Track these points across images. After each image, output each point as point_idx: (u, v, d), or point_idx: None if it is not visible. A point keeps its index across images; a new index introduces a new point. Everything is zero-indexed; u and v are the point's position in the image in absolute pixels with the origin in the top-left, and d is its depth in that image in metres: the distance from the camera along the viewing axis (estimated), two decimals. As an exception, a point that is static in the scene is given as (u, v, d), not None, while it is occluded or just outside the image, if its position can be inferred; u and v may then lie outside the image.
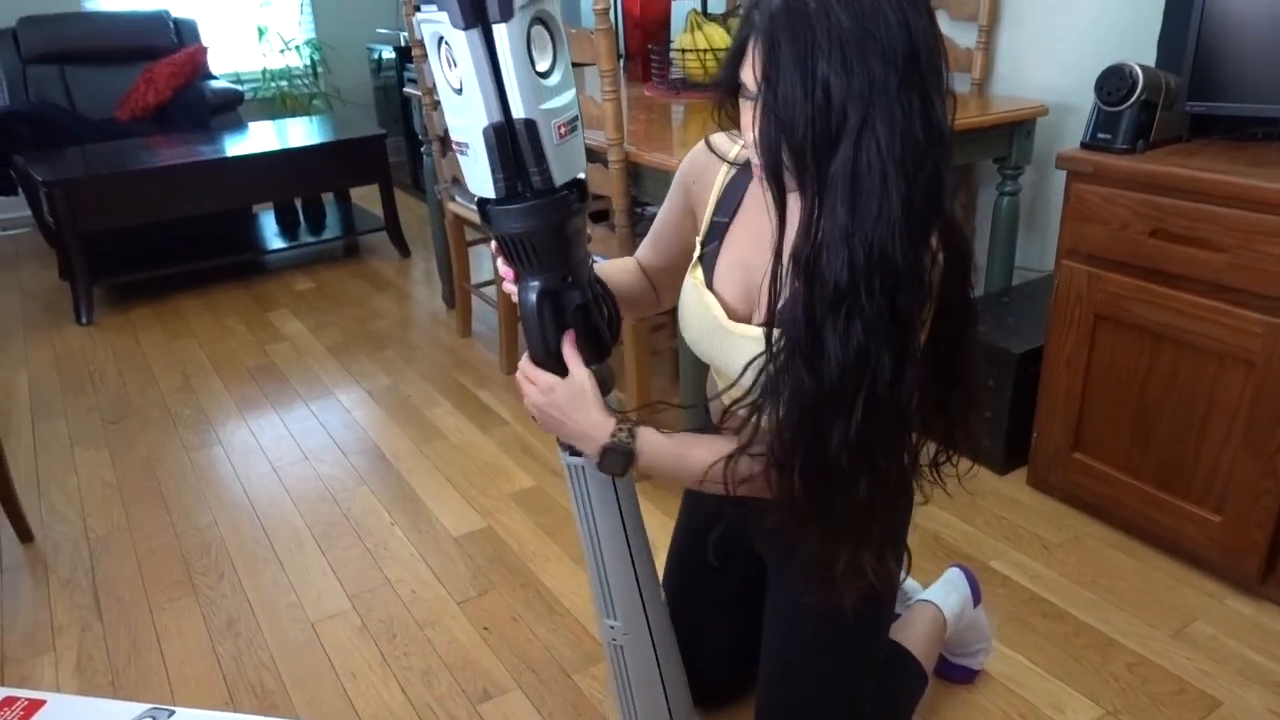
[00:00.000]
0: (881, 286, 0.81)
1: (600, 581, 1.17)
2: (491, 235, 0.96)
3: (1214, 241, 1.62)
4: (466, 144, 0.85)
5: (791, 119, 0.79)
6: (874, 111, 0.77)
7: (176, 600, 1.93)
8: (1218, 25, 1.68)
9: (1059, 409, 1.98)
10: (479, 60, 0.80)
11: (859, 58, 0.77)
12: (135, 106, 4.36)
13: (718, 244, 1.08)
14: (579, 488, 1.10)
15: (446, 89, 0.85)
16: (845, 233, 0.80)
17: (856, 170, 0.78)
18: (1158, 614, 1.74)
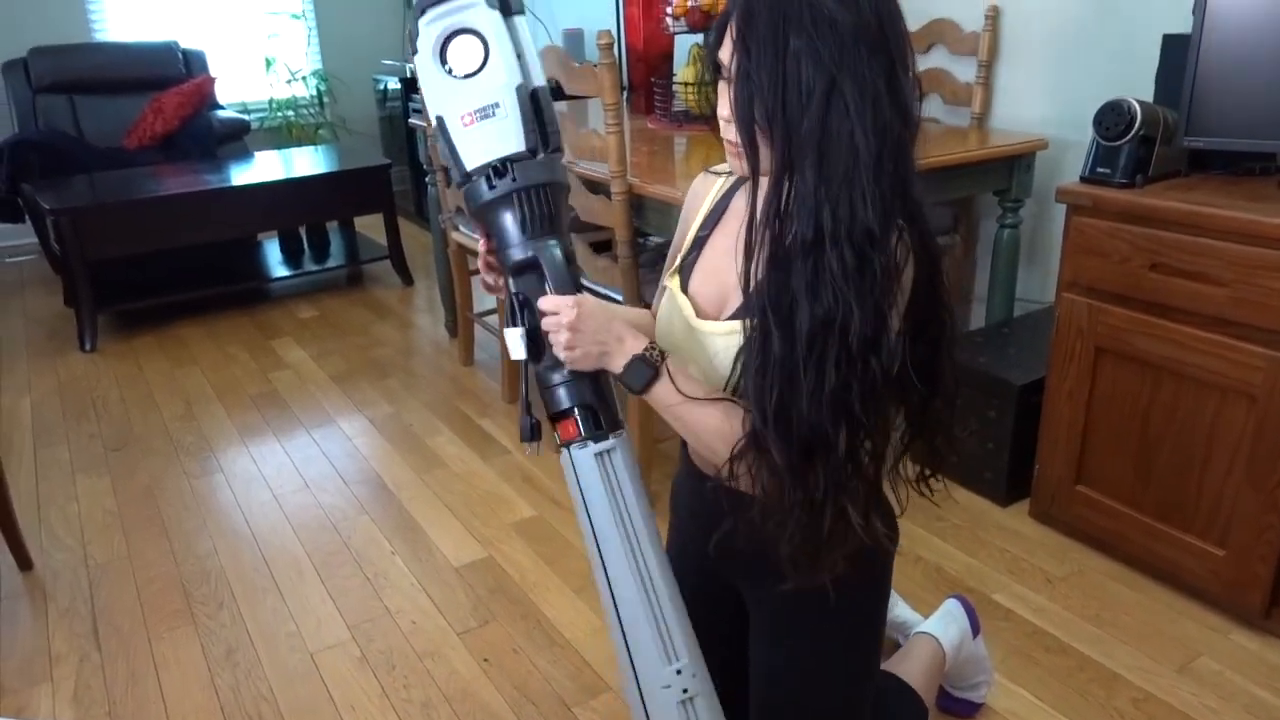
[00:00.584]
0: (850, 245, 0.85)
1: (653, 614, 1.01)
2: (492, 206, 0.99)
3: (1214, 275, 1.63)
4: (495, 104, 0.95)
5: (764, 82, 0.85)
6: (843, 77, 0.84)
7: (175, 629, 1.92)
8: (1215, 62, 1.70)
9: (1061, 441, 1.98)
10: (505, 38, 0.95)
11: (831, 30, 0.83)
12: (143, 135, 4.40)
13: (697, 254, 1.11)
14: (610, 479, 1.02)
15: (444, 78, 0.96)
16: (813, 190, 0.85)
17: (825, 131, 0.84)
18: (1162, 649, 1.73)
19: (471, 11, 0.95)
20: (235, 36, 5.26)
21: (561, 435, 1.04)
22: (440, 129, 0.98)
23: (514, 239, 1.00)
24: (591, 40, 2.26)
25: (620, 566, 1.02)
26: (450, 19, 0.95)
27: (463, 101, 0.96)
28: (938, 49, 2.66)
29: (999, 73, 2.55)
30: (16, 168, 3.97)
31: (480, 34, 0.96)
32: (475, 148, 0.97)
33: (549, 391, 1.03)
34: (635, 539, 1.02)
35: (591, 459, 1.02)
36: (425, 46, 0.96)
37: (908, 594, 1.85)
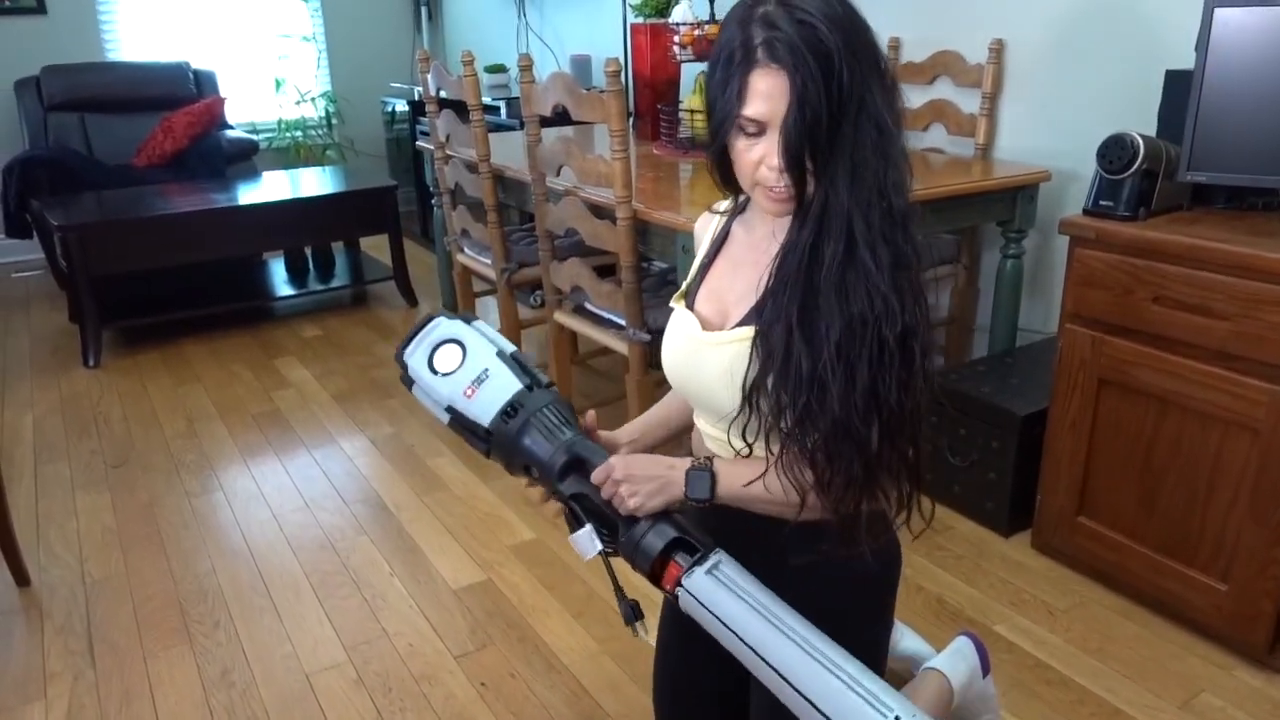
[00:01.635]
0: (885, 241, 0.90)
1: (848, 685, 0.94)
2: (524, 437, 1.08)
3: (1216, 309, 1.63)
4: (485, 369, 1.11)
5: (825, 126, 0.89)
6: (868, 96, 0.90)
7: (171, 648, 1.91)
8: (1217, 97, 1.71)
9: (1063, 472, 1.97)
10: (472, 332, 1.14)
11: (856, 56, 0.89)
12: (152, 154, 4.44)
13: (700, 279, 1.14)
14: (734, 587, 0.99)
15: (441, 379, 1.11)
16: (846, 204, 0.90)
17: (857, 142, 0.90)
18: (1165, 684, 1.72)
19: (439, 329, 1.14)
20: (246, 57, 5.31)
21: (669, 584, 1.01)
22: (455, 421, 1.10)
23: (546, 452, 1.07)
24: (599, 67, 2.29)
25: (795, 661, 0.96)
26: (426, 340, 1.13)
27: (460, 384, 1.10)
28: (942, 80, 2.68)
29: (1003, 104, 2.57)
30: (26, 184, 4.00)
31: (454, 339, 1.13)
32: (483, 406, 1.08)
33: (636, 554, 1.03)
34: (789, 628, 0.97)
35: (706, 578, 0.99)
36: (418, 368, 1.12)
37: (909, 624, 1.84)
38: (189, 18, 5.13)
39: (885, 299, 0.89)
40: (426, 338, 1.14)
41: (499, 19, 5.02)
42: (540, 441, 1.08)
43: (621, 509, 1.02)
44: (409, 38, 5.76)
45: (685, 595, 1.00)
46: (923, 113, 2.73)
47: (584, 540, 1.05)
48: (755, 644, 0.97)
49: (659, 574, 1.02)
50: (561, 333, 2.56)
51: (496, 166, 2.67)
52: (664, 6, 3.00)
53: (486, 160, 2.65)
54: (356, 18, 5.58)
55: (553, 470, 1.06)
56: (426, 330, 1.14)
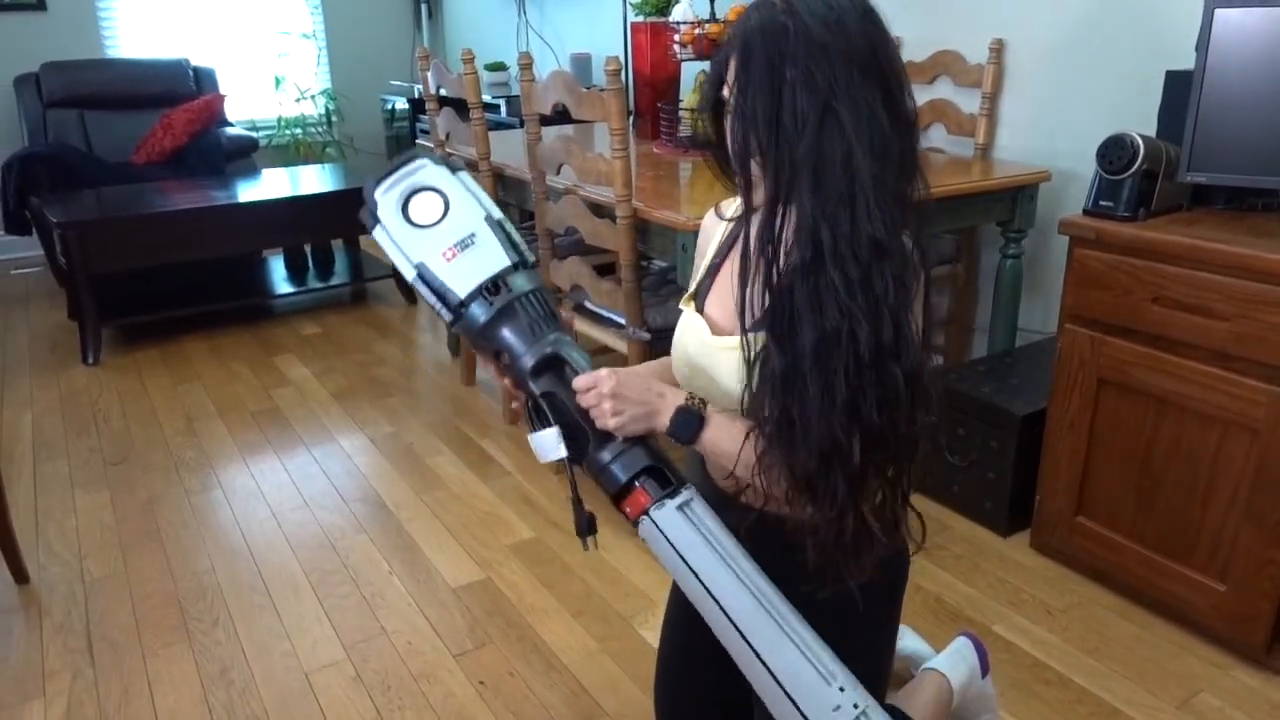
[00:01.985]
0: (854, 259, 0.87)
1: (796, 644, 0.96)
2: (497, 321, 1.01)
3: (1216, 310, 1.63)
4: (471, 234, 1.01)
5: (759, 114, 0.88)
6: (837, 101, 0.87)
7: (170, 646, 1.91)
8: (1217, 98, 1.72)
9: (1062, 472, 1.97)
10: (458, 185, 1.03)
11: (824, 57, 0.87)
12: (152, 151, 4.43)
13: (711, 280, 1.13)
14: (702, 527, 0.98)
15: (413, 230, 1.02)
16: (810, 213, 0.88)
17: (820, 155, 0.87)
18: (1163, 684, 1.72)
19: (421, 172, 1.02)
20: (245, 55, 5.31)
21: (633, 510, 0.99)
22: (422, 277, 1.01)
23: (523, 346, 1.00)
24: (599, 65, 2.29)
25: (749, 612, 0.97)
26: (405, 182, 1.02)
27: (438, 242, 1.01)
28: (942, 80, 2.68)
29: (1003, 104, 2.57)
30: (25, 181, 3.99)
31: (436, 188, 1.02)
32: (462, 277, 1.00)
33: (604, 473, 1.00)
34: (749, 578, 0.98)
35: (676, 513, 0.97)
36: (388, 211, 1.01)
37: (907, 623, 1.84)
38: (189, 14, 5.13)
39: (854, 317, 0.87)
40: (406, 179, 1.02)
41: (499, 17, 5.02)
42: (522, 331, 1.01)
43: (599, 423, 0.99)
44: (409, 35, 5.76)
45: (649, 526, 0.98)
46: (923, 112, 2.72)
47: (548, 442, 1.01)
48: (714, 588, 0.97)
49: (623, 497, 1.00)
50: (561, 331, 2.56)
51: (496, 165, 2.67)
52: (664, 5, 3.00)
53: (486, 158, 2.65)
54: (356, 15, 5.58)
55: (527, 365, 1.00)
56: (407, 170, 1.03)
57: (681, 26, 2.75)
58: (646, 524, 0.98)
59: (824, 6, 0.89)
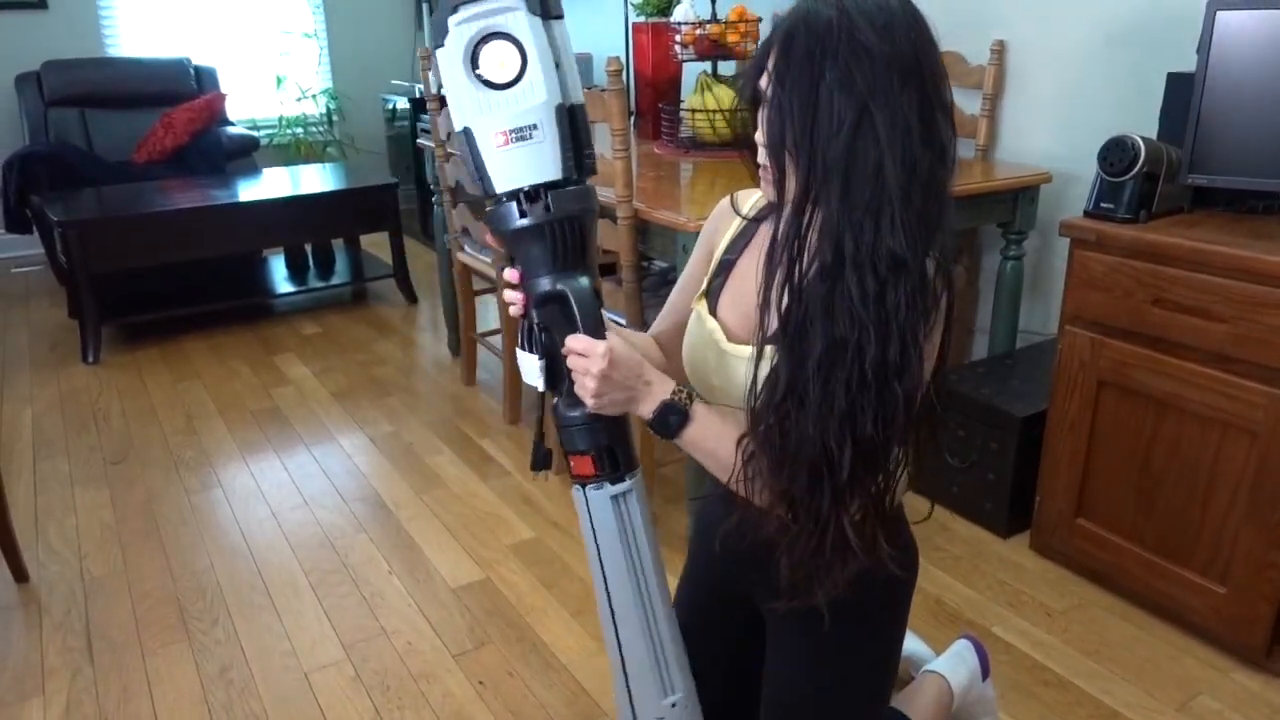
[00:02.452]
0: (872, 270, 0.85)
1: (654, 650, 1.04)
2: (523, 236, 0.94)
3: (1216, 312, 1.63)
4: (534, 125, 0.89)
5: (796, 108, 0.86)
6: (875, 107, 0.84)
7: (169, 645, 1.91)
8: (1219, 100, 1.71)
9: (1062, 474, 1.97)
10: (545, 48, 0.88)
11: (866, 58, 0.84)
12: (152, 150, 4.43)
13: (724, 278, 1.11)
14: (624, 520, 1.00)
15: (475, 86, 0.89)
16: (836, 216, 0.86)
17: (852, 157, 0.85)
18: (1162, 686, 1.72)
19: (510, 16, 0.88)
20: (247, 54, 5.31)
21: (576, 470, 1.01)
22: (468, 141, 0.91)
23: (542, 269, 0.95)
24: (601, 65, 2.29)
25: (627, 605, 1.02)
26: (486, 21, 0.87)
27: (497, 117, 0.89)
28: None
29: (1004, 106, 2.57)
30: (26, 180, 3.99)
31: (518, 41, 0.88)
32: (508, 171, 0.91)
33: (566, 430, 0.99)
34: (644, 579, 1.01)
35: (607, 500, 1.00)
36: (455, 49, 0.88)
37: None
38: (190, 13, 5.13)
39: (864, 329, 0.86)
40: (491, 16, 0.88)
41: (500, 17, 5.01)
42: (543, 255, 0.94)
43: (578, 393, 0.97)
44: (410, 35, 5.75)
45: (580, 498, 1.01)
46: (924, 113, 2.72)
47: (531, 369, 1.00)
48: (608, 571, 1.01)
49: (570, 456, 1.01)
50: (561, 331, 2.56)
51: (497, 165, 2.67)
52: (666, 5, 3.00)
53: (487, 158, 2.65)
54: (358, 15, 5.57)
55: (535, 290, 0.97)
56: (497, 6, 0.88)
57: (683, 27, 2.76)
58: (579, 495, 1.01)
59: (875, 7, 0.86)
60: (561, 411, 0.99)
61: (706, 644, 1.31)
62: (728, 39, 2.72)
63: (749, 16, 2.72)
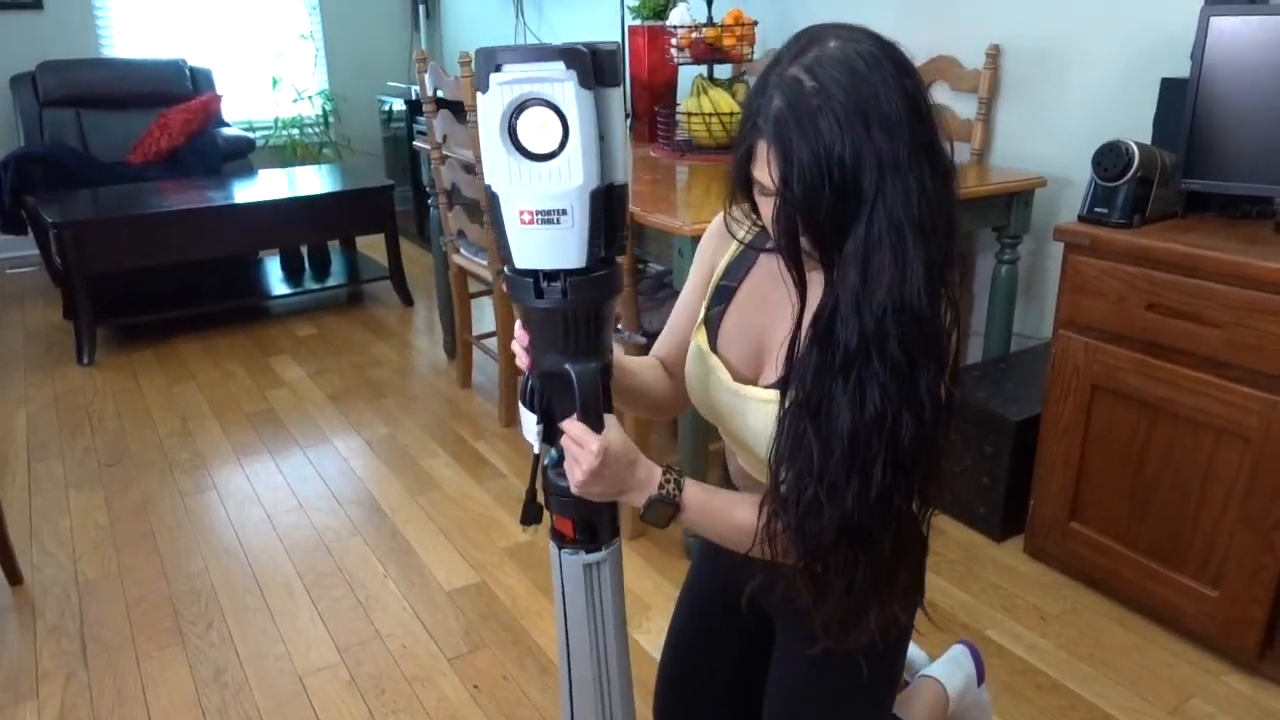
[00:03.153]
0: (901, 347, 0.82)
1: (603, 711, 1.06)
2: (535, 313, 0.91)
3: (1209, 317, 1.64)
4: (563, 210, 0.84)
5: (810, 210, 0.81)
6: (885, 184, 0.80)
7: (164, 648, 1.90)
8: (1213, 106, 1.72)
9: (1056, 478, 1.98)
10: (591, 123, 0.82)
11: (866, 136, 0.79)
12: (148, 151, 4.43)
13: (724, 307, 1.08)
14: (593, 589, 1.01)
15: (509, 151, 0.83)
16: (857, 300, 0.82)
17: (869, 243, 0.81)
18: (1155, 690, 1.73)
19: (558, 86, 0.80)
20: (243, 55, 5.30)
21: (557, 527, 1.01)
22: (493, 203, 0.87)
23: (551, 347, 0.92)
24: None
25: (583, 664, 1.03)
26: (531, 86, 0.81)
27: (526, 192, 0.84)
28: (939, 85, 2.69)
29: (999, 110, 2.58)
30: (21, 180, 3.99)
31: (563, 114, 0.82)
32: (529, 249, 0.87)
33: (551, 496, 0.99)
34: (603, 645, 1.02)
35: (579, 569, 1.01)
36: (494, 106, 0.82)
37: (901, 629, 1.84)
38: (186, 15, 5.12)
39: (897, 406, 0.83)
40: (538, 82, 0.80)
41: (497, 19, 5.02)
42: (553, 336, 0.91)
43: (568, 477, 0.96)
44: (407, 37, 5.76)
45: (556, 559, 1.02)
46: (919, 117, 2.73)
47: (529, 426, 0.99)
48: (571, 639, 1.03)
49: (553, 513, 1.01)
50: (557, 334, 2.56)
51: (493, 167, 2.67)
52: (662, 9, 3.01)
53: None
54: (354, 16, 5.57)
55: (538, 364, 0.94)
56: (546, 71, 0.80)
57: (679, 30, 2.76)
58: (555, 555, 1.02)
59: (849, 75, 0.80)
60: (551, 479, 0.99)
61: (707, 653, 1.32)
62: (724, 42, 2.72)
63: (745, 20, 2.73)
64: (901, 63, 0.83)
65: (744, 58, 2.80)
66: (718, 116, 2.62)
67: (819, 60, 0.81)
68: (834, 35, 0.84)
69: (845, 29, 0.85)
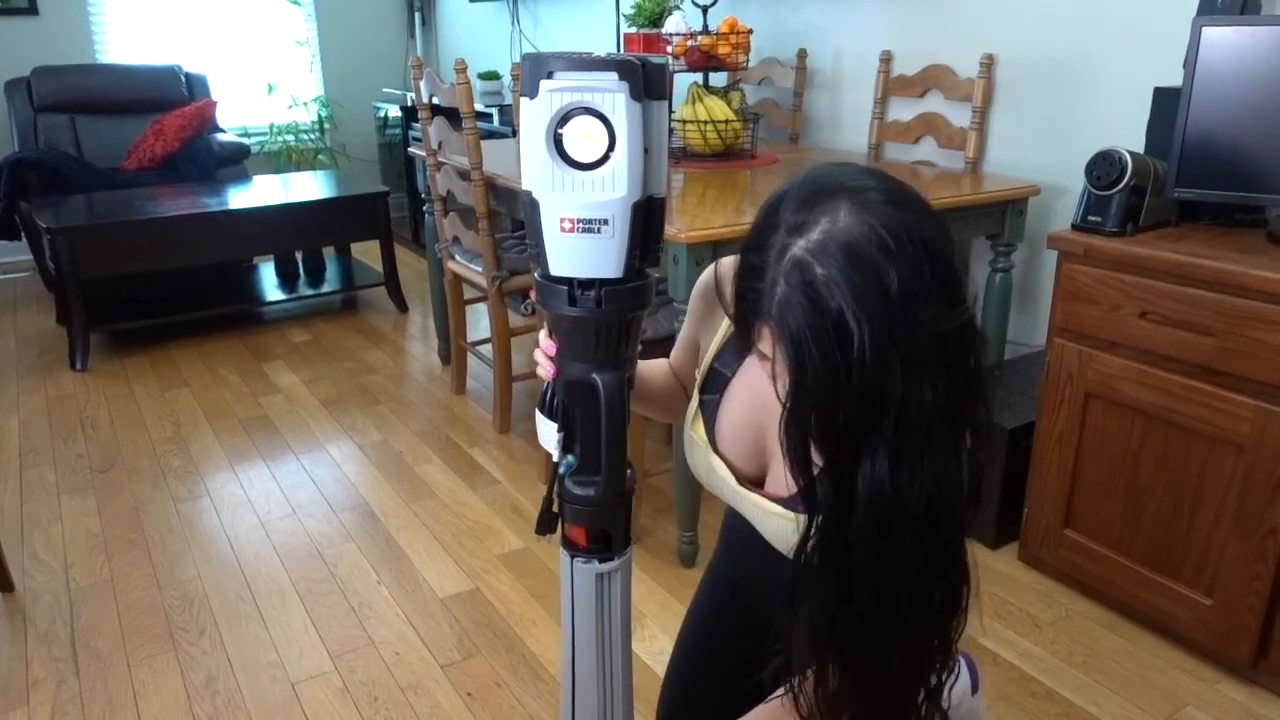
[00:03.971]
0: (932, 528, 0.76)
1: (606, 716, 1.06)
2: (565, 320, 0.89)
3: (1202, 325, 1.64)
4: (605, 220, 0.83)
5: (824, 421, 0.73)
6: (912, 381, 0.70)
7: (156, 656, 1.89)
8: (1205, 115, 1.73)
9: (1050, 485, 1.98)
10: (638, 136, 0.81)
11: (888, 337, 0.69)
12: (143, 157, 4.42)
13: (718, 397, 1.05)
14: (603, 598, 1.00)
15: (555, 160, 0.82)
16: (881, 514, 0.74)
17: (897, 449, 0.72)
18: (1149, 698, 1.73)
19: (609, 97, 0.80)
20: (238, 61, 5.30)
21: (569, 535, 1.00)
22: (532, 209, 0.85)
23: (579, 356, 0.91)
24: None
25: (587, 672, 1.03)
26: (582, 95, 0.80)
27: (568, 200, 0.83)
28: (933, 94, 2.70)
29: (993, 119, 2.59)
30: (15, 185, 3.97)
31: (611, 125, 0.81)
32: (567, 257, 0.86)
33: (568, 505, 0.98)
34: (609, 655, 1.02)
35: (591, 576, 1.00)
36: (540, 113, 0.81)
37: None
38: (181, 20, 5.12)
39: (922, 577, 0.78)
40: (587, 92, 0.80)
41: (492, 26, 5.03)
42: (579, 345, 0.90)
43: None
44: (402, 43, 5.76)
45: (566, 564, 1.01)
46: (913, 126, 2.74)
47: (548, 435, 0.97)
48: (576, 643, 1.03)
49: (567, 521, 1.00)
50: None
51: (488, 174, 2.67)
52: (657, 16, 3.01)
53: (478, 168, 2.65)
54: (350, 23, 5.58)
55: (563, 372, 0.93)
56: (597, 82, 0.79)
57: (674, 38, 2.77)
58: (565, 560, 1.01)
59: (868, 271, 0.69)
60: (568, 488, 0.97)
61: (720, 635, 1.31)
62: (719, 50, 2.73)
63: (740, 28, 2.74)
64: (926, 234, 0.72)
65: (739, 65, 2.81)
66: (713, 124, 2.62)
67: (827, 243, 0.71)
68: (847, 200, 0.72)
69: (860, 189, 0.73)
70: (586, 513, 0.98)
